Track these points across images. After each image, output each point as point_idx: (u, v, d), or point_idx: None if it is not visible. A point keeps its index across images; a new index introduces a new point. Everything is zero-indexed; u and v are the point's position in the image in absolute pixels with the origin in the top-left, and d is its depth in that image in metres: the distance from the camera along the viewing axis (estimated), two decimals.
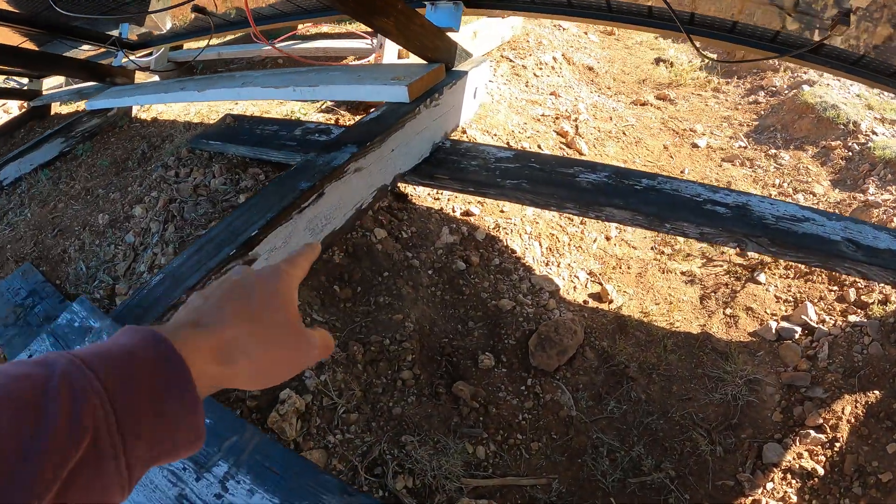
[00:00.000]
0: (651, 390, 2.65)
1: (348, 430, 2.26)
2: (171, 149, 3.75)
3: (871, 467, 2.22)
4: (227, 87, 3.41)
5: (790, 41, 2.58)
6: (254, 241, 2.13)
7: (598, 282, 3.20)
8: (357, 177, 2.49)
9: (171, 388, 0.54)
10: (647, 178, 2.65)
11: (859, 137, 4.02)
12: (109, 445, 0.49)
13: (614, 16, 2.76)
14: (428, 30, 2.77)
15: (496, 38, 4.61)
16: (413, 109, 2.68)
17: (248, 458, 1.37)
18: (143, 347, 0.54)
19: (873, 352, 2.60)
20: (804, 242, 2.40)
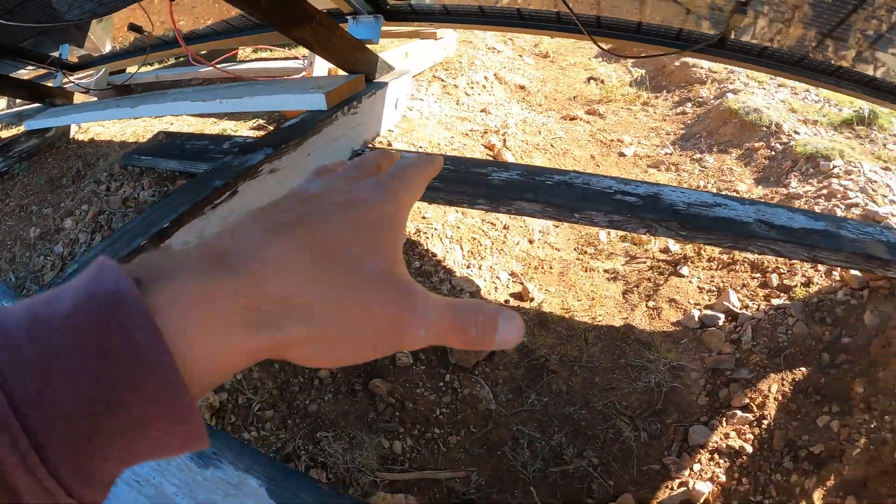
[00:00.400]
0: (573, 382, 2.73)
1: (264, 427, 2.29)
2: (105, 166, 3.78)
3: (801, 441, 2.31)
4: (159, 103, 3.47)
5: (694, 37, 2.75)
6: (165, 233, 2.17)
7: (519, 282, 3.29)
8: (272, 177, 2.55)
9: (130, 388, 0.30)
10: (559, 175, 2.77)
11: (782, 138, 4.21)
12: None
13: (526, 23, 2.92)
14: (348, 41, 2.88)
15: (428, 60, 4.77)
16: (330, 116, 2.77)
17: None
18: (91, 320, 0.30)
19: (798, 331, 2.72)
20: (715, 225, 2.55)
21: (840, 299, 2.77)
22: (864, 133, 4.17)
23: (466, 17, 3.02)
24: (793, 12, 2.40)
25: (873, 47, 2.40)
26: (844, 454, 2.20)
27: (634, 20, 2.76)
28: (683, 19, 2.67)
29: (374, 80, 3.19)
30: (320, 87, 2.87)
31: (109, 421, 0.29)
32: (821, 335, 2.68)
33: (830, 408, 2.38)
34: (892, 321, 2.50)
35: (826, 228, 2.65)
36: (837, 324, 2.69)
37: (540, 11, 2.82)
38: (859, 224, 2.77)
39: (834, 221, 2.74)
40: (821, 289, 2.91)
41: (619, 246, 3.62)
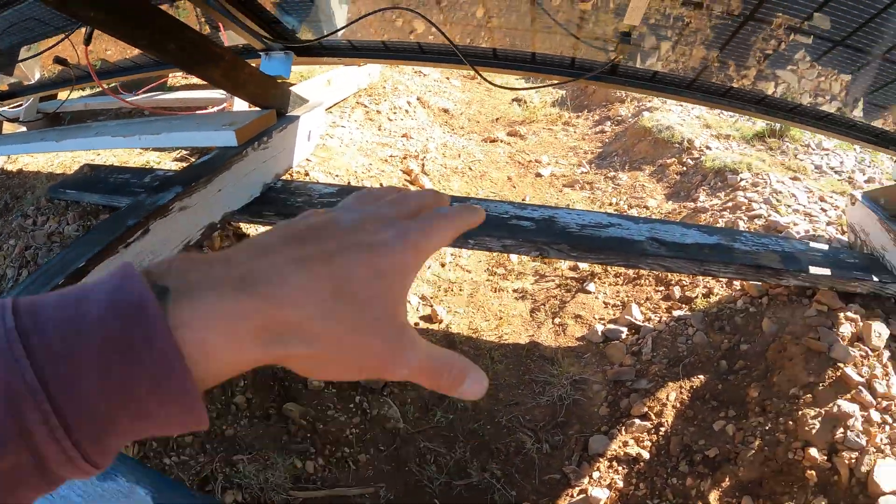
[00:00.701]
0: (478, 399, 2.84)
1: (184, 451, 2.38)
2: (32, 199, 3.81)
3: (697, 445, 2.43)
4: (83, 138, 3.52)
5: (587, 66, 2.88)
6: (82, 271, 2.23)
7: (429, 305, 3.41)
8: (183, 214, 2.63)
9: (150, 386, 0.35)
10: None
11: (693, 153, 4.38)
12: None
13: (427, 56, 3.04)
14: (257, 78, 2.97)
15: (352, 86, 4.85)
16: (240, 152, 2.85)
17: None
18: (117, 328, 0.35)
19: (698, 340, 2.85)
20: (607, 245, 2.69)
21: (739, 308, 2.91)
22: (776, 145, 4.34)
23: (372, 52, 3.13)
24: (695, 35, 2.53)
25: (773, 66, 2.55)
26: (739, 456, 2.32)
27: (529, 51, 2.88)
28: (575, 49, 2.79)
29: (287, 113, 3.28)
30: (233, 123, 2.95)
31: (126, 411, 0.35)
32: (719, 343, 2.82)
33: (727, 413, 2.52)
34: (789, 326, 2.63)
35: (719, 242, 2.79)
36: (736, 332, 2.83)
37: (438, 45, 2.94)
38: (754, 236, 2.93)
39: (729, 235, 2.89)
40: (721, 299, 3.05)
41: (529, 265, 3.75)
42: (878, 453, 2.04)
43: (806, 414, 2.25)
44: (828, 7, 2.09)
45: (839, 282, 2.65)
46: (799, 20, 2.21)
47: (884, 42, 2.19)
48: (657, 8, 2.39)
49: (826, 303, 2.65)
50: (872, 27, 2.12)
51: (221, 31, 3.32)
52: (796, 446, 2.19)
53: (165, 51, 2.37)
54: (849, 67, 2.39)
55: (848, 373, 2.28)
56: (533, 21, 2.66)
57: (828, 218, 3.31)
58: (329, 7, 2.85)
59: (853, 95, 2.56)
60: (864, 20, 2.10)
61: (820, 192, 3.58)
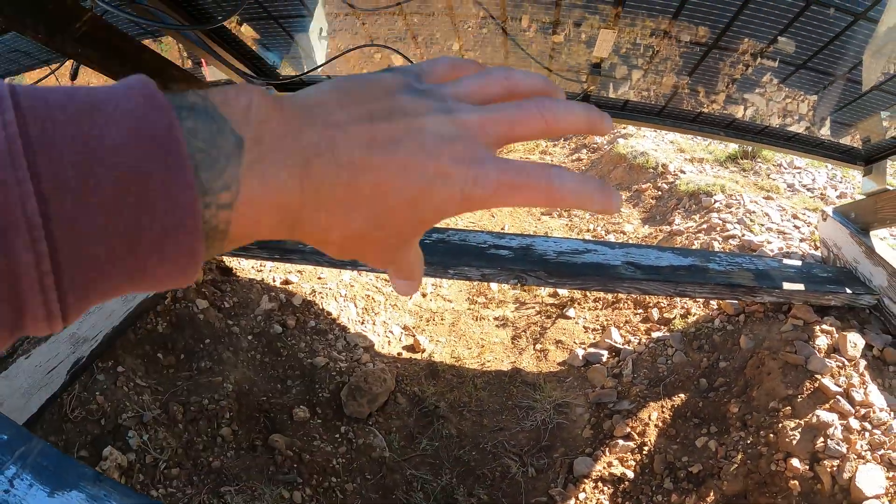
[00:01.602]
0: (462, 426, 2.87)
1: (171, 484, 2.37)
2: None
3: (680, 462, 2.47)
4: None
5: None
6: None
7: (411, 334, 3.44)
8: None
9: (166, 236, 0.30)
10: (437, 233, 2.94)
11: (668, 177, 4.48)
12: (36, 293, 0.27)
13: None
14: None
15: None
16: None
17: (31, 461, 1.58)
18: (136, 168, 0.29)
19: (677, 360, 2.91)
20: (582, 270, 2.74)
21: (717, 326, 2.97)
22: (749, 166, 4.46)
23: None
24: (665, 63, 2.62)
25: (742, 90, 2.63)
26: (723, 470, 2.36)
27: None
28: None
29: None
30: None
31: (122, 264, 0.29)
32: (699, 362, 2.87)
33: (709, 429, 2.56)
34: (766, 342, 2.69)
35: (693, 263, 2.86)
36: (715, 350, 2.88)
37: None
38: (728, 255, 2.99)
39: (703, 256, 2.96)
40: (699, 318, 3.11)
41: (509, 294, 3.81)
42: (859, 459, 2.08)
43: (786, 426, 2.29)
44: (790, 31, 2.18)
45: (813, 296, 2.71)
46: (763, 44, 2.31)
47: (845, 63, 2.29)
48: (627, 38, 2.48)
49: (801, 317, 2.71)
50: (833, 49, 2.22)
51: (204, 66, 3.39)
52: (778, 458, 2.23)
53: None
54: (814, 88, 2.49)
55: (825, 383, 2.34)
56: (507, 55, 2.74)
57: (801, 235, 3.40)
58: (308, 43, 2.92)
59: (820, 115, 2.66)
60: (825, 42, 2.20)
61: (793, 210, 3.68)
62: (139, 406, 2.42)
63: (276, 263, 3.35)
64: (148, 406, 2.45)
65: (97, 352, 2.37)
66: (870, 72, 2.32)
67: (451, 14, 2.56)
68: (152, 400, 2.49)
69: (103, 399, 2.35)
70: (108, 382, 2.41)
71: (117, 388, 2.42)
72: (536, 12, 2.44)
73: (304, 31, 2.83)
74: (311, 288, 3.36)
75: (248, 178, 0.32)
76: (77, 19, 2.00)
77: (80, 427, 2.26)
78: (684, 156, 4.79)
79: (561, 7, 2.36)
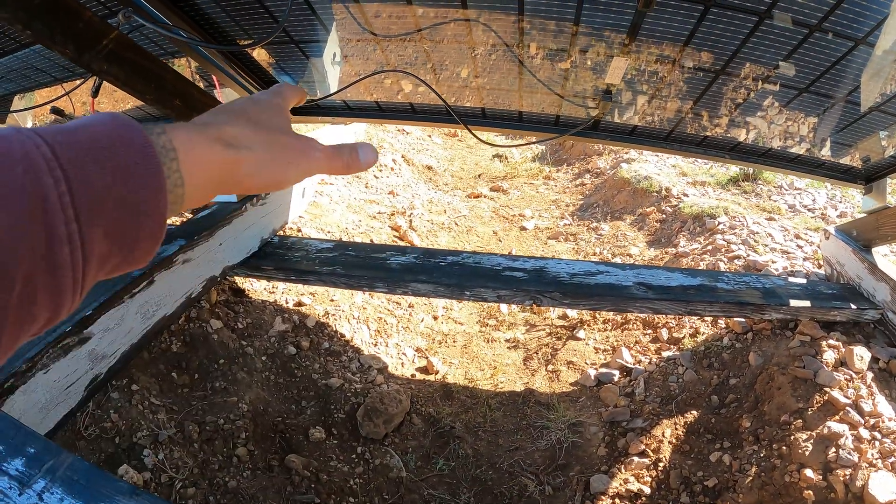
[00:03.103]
0: (478, 445, 2.87)
1: (187, 503, 2.35)
2: None
3: (696, 477, 2.49)
4: None
5: (570, 122, 3.03)
6: (88, 320, 2.24)
7: (424, 356, 3.46)
8: (186, 267, 2.68)
9: (138, 168, 0.46)
10: (453, 256, 2.99)
11: (671, 201, 4.56)
12: (62, 223, 0.40)
13: (418, 116, 3.18)
14: None
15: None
16: (240, 207, 2.93)
17: (61, 475, 1.54)
18: (105, 124, 0.47)
19: (688, 378, 2.94)
20: (595, 291, 2.80)
21: (726, 345, 3.01)
22: (750, 188, 4.54)
23: (366, 111, 3.27)
24: (669, 89, 2.69)
25: (744, 113, 2.71)
26: (738, 483, 2.39)
27: (516, 110, 3.03)
28: (559, 106, 2.94)
29: None
30: None
31: (115, 208, 0.45)
32: (709, 379, 2.90)
33: (722, 444, 2.59)
34: (774, 358, 2.74)
35: (702, 283, 2.92)
36: (725, 367, 2.92)
37: (430, 105, 3.09)
38: (736, 275, 3.05)
39: (711, 276, 3.01)
40: (707, 337, 3.15)
41: (519, 316, 3.84)
42: (871, 467, 2.12)
43: (798, 438, 2.33)
44: (793, 57, 2.27)
45: (819, 312, 2.77)
46: (766, 69, 2.39)
47: (845, 86, 2.38)
48: (633, 65, 2.56)
49: (808, 333, 2.76)
50: (834, 73, 2.31)
51: (217, 89, 3.44)
52: (792, 469, 2.26)
53: (171, 106, 2.47)
54: (815, 111, 2.58)
55: (835, 396, 2.38)
56: (519, 80, 2.82)
57: (804, 254, 3.46)
58: (323, 67, 2.98)
59: (820, 136, 2.74)
60: (826, 67, 2.29)
61: (795, 230, 3.75)
62: (154, 425, 2.41)
63: (290, 285, 3.37)
64: (163, 425, 2.44)
65: (115, 368, 2.37)
66: (868, 93, 2.41)
67: (462, 41, 2.64)
68: (167, 419, 2.49)
69: (118, 417, 2.34)
70: (122, 400, 2.41)
71: (132, 407, 2.41)
72: (544, 39, 2.52)
73: (320, 55, 2.90)
74: (323, 310, 3.37)
75: (178, 139, 0.52)
76: (105, 36, 2.05)
77: (93, 445, 2.26)
78: (687, 179, 4.87)
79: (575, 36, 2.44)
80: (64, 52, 1.99)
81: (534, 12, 2.37)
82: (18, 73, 3.49)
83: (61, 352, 2.15)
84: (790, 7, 2.04)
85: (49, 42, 1.94)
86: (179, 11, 2.53)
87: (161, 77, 2.37)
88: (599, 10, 2.27)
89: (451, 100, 3.05)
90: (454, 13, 2.42)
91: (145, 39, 2.89)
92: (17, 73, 3.49)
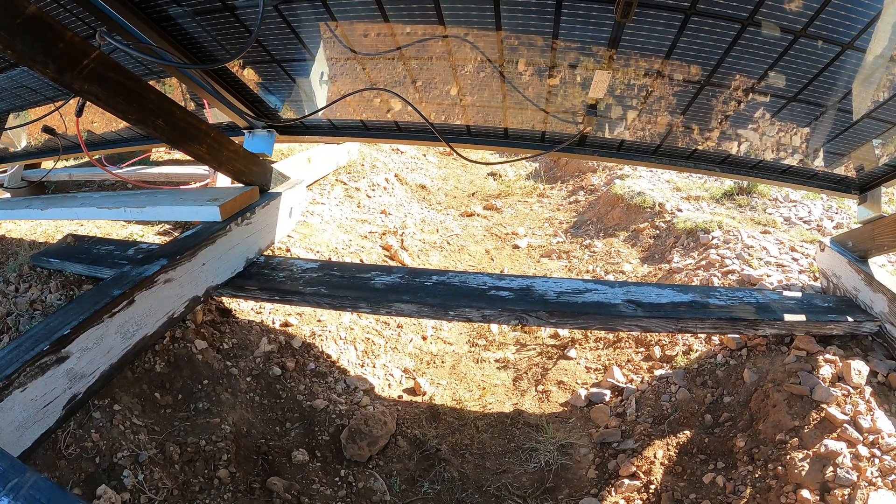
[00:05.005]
0: (465, 469, 2.80)
1: None
2: (14, 265, 3.79)
3: (688, 500, 2.41)
4: (67, 207, 3.56)
5: (557, 138, 3.01)
6: (66, 339, 2.22)
7: (412, 377, 3.41)
8: (167, 287, 2.65)
9: None
10: (438, 275, 2.96)
11: (665, 216, 4.51)
12: None
13: (403, 134, 3.18)
14: (241, 155, 3.06)
15: (331, 164, 4.98)
16: (224, 227, 2.91)
17: (24, 494, 1.52)
18: None
19: (681, 397, 2.87)
20: (583, 310, 2.75)
21: (720, 362, 2.95)
22: (745, 202, 4.50)
23: (352, 130, 3.27)
24: (657, 102, 2.67)
25: (735, 125, 2.68)
26: None
27: (501, 126, 3.01)
28: (545, 122, 2.92)
29: (269, 190, 3.37)
30: (216, 199, 3.03)
31: None
32: (703, 398, 2.83)
33: (716, 464, 2.52)
34: (769, 374, 2.67)
35: (694, 299, 2.86)
36: (718, 385, 2.85)
37: (414, 123, 3.09)
38: (728, 290, 3.00)
39: (703, 291, 2.96)
40: (701, 355, 3.09)
41: (510, 335, 3.79)
42: (870, 486, 2.04)
43: (794, 457, 2.26)
44: (780, 64, 2.24)
45: (815, 326, 2.71)
46: (755, 80, 2.36)
47: (836, 93, 2.34)
48: (621, 80, 2.54)
49: (804, 348, 2.69)
50: (823, 80, 2.28)
51: (206, 108, 3.44)
52: (788, 490, 2.18)
53: (154, 126, 2.46)
54: (806, 120, 2.54)
55: (832, 412, 2.31)
56: (504, 97, 2.80)
57: (799, 266, 3.40)
58: (310, 87, 2.98)
59: (813, 146, 2.70)
60: (815, 74, 2.25)
61: (790, 243, 3.70)
62: (135, 445, 2.37)
63: (276, 305, 3.34)
64: (144, 445, 2.40)
65: (94, 388, 2.34)
66: (860, 100, 2.37)
67: (449, 58, 2.63)
68: (148, 439, 2.45)
69: (99, 437, 2.31)
70: (103, 420, 2.37)
71: (113, 427, 2.37)
72: (532, 55, 2.51)
73: (306, 75, 2.90)
74: (310, 330, 3.33)
75: None
76: (86, 56, 2.04)
77: (73, 464, 2.22)
78: (681, 194, 4.83)
79: (556, 51, 2.43)
80: (44, 72, 1.99)
81: (512, 28, 2.35)
82: (10, 92, 3.52)
83: (38, 370, 2.12)
84: (772, 13, 2.01)
85: (30, 62, 1.94)
86: (161, 30, 2.54)
87: (143, 97, 2.36)
88: (578, 23, 2.26)
89: (441, 118, 3.04)
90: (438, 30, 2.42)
91: (130, 60, 2.90)
92: (9, 92, 3.52)
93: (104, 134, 3.99)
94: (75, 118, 2.77)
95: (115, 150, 4.09)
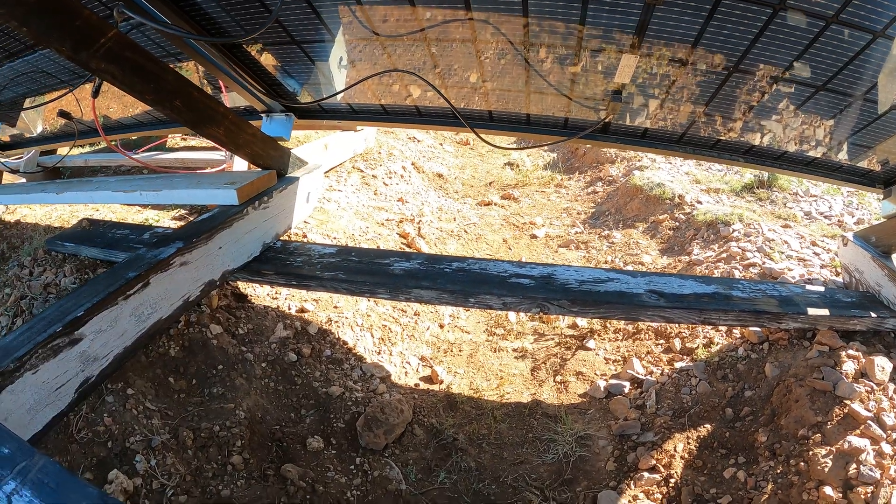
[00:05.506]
0: (482, 459, 2.78)
1: None
2: (29, 249, 3.80)
3: (709, 494, 2.38)
4: (84, 191, 3.54)
5: (579, 125, 2.97)
6: (80, 321, 2.20)
7: (429, 365, 3.38)
8: (183, 270, 2.63)
9: None
10: (458, 262, 2.92)
11: (685, 208, 4.46)
12: None
13: (424, 119, 3.13)
14: (259, 138, 3.03)
15: (348, 151, 4.95)
16: (241, 211, 2.89)
17: (32, 477, 1.50)
18: None
19: (702, 390, 2.83)
20: (605, 299, 2.71)
21: (741, 355, 2.91)
22: (765, 195, 4.44)
23: (371, 114, 3.23)
24: (681, 91, 2.62)
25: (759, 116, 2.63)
26: (753, 501, 2.28)
27: (524, 112, 2.97)
28: (567, 109, 2.88)
29: (287, 175, 3.34)
30: (233, 182, 3.00)
31: None
32: (724, 391, 2.79)
33: (736, 459, 2.48)
34: (792, 369, 2.63)
35: (717, 291, 2.82)
36: (740, 379, 2.81)
37: (435, 108, 3.04)
38: (751, 283, 2.95)
39: (726, 283, 2.91)
40: (722, 348, 3.04)
41: (528, 325, 3.75)
42: (893, 484, 2.01)
43: (817, 453, 2.22)
44: (808, 54, 2.18)
45: (838, 321, 2.66)
46: (780, 69, 2.31)
47: (863, 83, 2.28)
48: (644, 67, 2.49)
49: (827, 343, 2.65)
50: (851, 69, 2.21)
51: (223, 92, 3.41)
52: (810, 486, 2.14)
53: (172, 107, 2.43)
54: (831, 112, 2.48)
55: (855, 408, 2.27)
56: (527, 83, 2.76)
57: (821, 261, 3.35)
58: (329, 71, 2.94)
59: (837, 138, 2.64)
60: (843, 64, 2.19)
61: (811, 237, 3.64)
62: (148, 430, 2.36)
63: (292, 291, 3.32)
64: (157, 430, 2.39)
65: (107, 371, 2.32)
66: (886, 92, 2.31)
67: (472, 44, 2.59)
68: (162, 424, 2.44)
69: (111, 421, 2.30)
70: (116, 404, 2.36)
71: (126, 411, 2.36)
72: (555, 42, 2.46)
73: (325, 58, 2.86)
74: (327, 316, 3.31)
75: None
76: (103, 35, 2.02)
77: (85, 449, 2.21)
78: (700, 186, 4.78)
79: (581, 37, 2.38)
80: (60, 51, 1.97)
81: (539, 13, 2.31)
82: (28, 76, 3.51)
83: (51, 352, 2.10)
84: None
85: (46, 40, 1.91)
86: (179, 10, 2.51)
87: (160, 77, 2.33)
88: (605, 9, 2.21)
89: (461, 104, 3.00)
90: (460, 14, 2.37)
91: (147, 40, 2.87)
92: (27, 76, 3.51)
93: (121, 119, 3.98)
94: (91, 99, 2.75)
95: (132, 133, 4.07)
